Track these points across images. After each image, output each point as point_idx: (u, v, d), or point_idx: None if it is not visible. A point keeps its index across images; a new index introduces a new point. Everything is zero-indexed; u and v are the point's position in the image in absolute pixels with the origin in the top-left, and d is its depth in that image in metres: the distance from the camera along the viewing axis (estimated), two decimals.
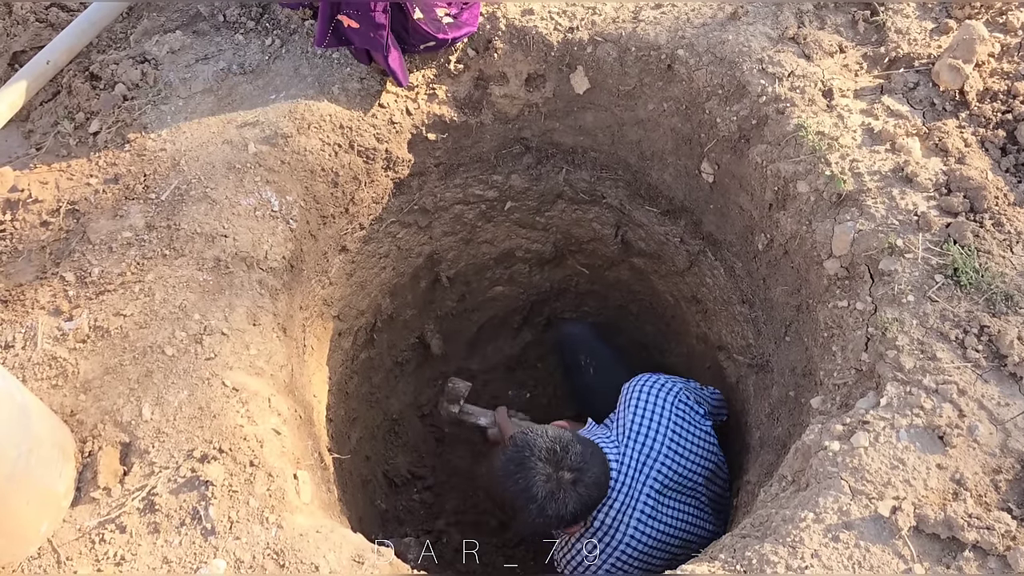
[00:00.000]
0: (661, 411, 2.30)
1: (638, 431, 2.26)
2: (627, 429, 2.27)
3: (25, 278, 2.06)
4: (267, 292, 2.09)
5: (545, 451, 2.00)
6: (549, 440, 2.03)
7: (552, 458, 2.00)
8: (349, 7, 2.20)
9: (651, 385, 2.37)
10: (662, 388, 2.36)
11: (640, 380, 2.40)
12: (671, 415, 2.31)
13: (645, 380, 2.39)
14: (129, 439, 1.78)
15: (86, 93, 2.37)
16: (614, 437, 2.28)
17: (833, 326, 1.89)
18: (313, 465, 2.00)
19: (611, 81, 2.46)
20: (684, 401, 2.38)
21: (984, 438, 1.56)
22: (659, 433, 2.26)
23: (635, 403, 2.32)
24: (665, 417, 2.29)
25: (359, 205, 2.52)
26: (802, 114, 2.10)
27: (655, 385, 2.37)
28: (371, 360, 2.98)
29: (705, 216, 2.59)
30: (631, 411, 2.31)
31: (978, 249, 1.78)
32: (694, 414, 2.39)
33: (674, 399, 2.35)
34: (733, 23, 2.30)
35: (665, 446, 2.26)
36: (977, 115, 2.02)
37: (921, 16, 2.24)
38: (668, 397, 2.34)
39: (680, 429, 2.31)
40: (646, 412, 2.29)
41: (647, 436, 2.25)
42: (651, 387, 2.36)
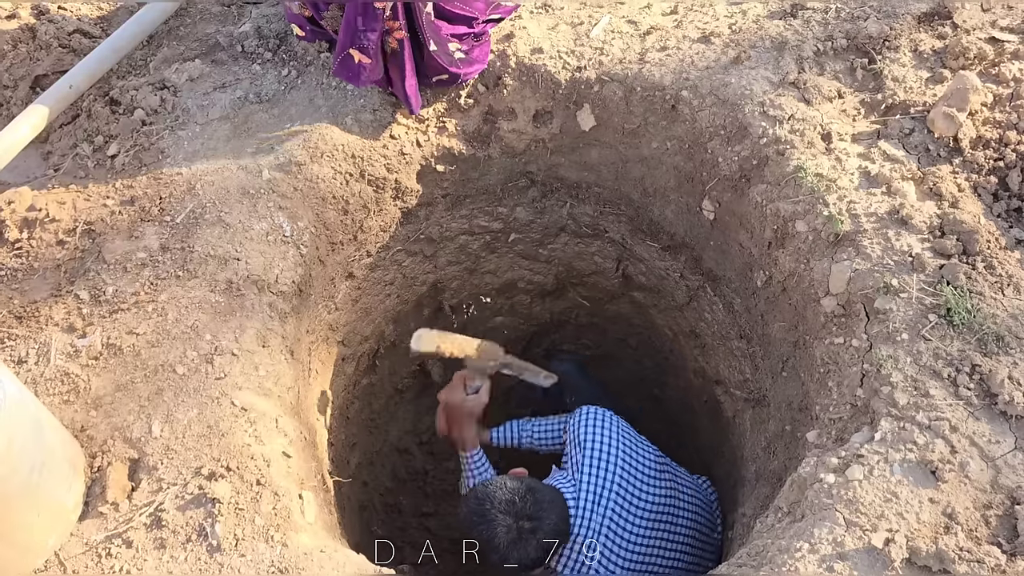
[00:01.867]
0: (608, 439, 2.36)
1: (590, 464, 2.31)
2: (579, 465, 2.32)
3: (40, 295, 2.11)
4: (276, 315, 2.13)
5: (504, 503, 2.06)
6: (508, 491, 2.08)
7: (511, 509, 2.05)
8: (362, 42, 2.28)
9: (594, 418, 2.42)
10: (603, 417, 2.43)
11: (579, 415, 2.45)
12: (618, 441, 2.37)
13: (584, 415, 2.44)
14: (138, 455, 1.81)
15: (106, 117, 2.44)
16: (569, 476, 2.32)
17: (829, 362, 1.94)
18: (316, 487, 2.02)
19: (616, 119, 2.53)
20: (626, 427, 2.45)
21: (975, 474, 1.60)
22: (609, 463, 2.32)
23: (580, 438, 2.38)
24: (613, 445, 2.35)
25: (367, 233, 2.57)
26: (801, 156, 2.16)
27: (596, 417, 2.43)
28: (372, 386, 3.01)
29: (705, 252, 2.65)
30: (580, 447, 2.36)
31: (970, 290, 1.83)
32: (637, 437, 2.46)
33: (617, 425, 2.42)
34: (736, 67, 2.38)
35: (617, 476, 2.31)
36: (970, 161, 2.09)
37: (917, 65, 2.32)
38: (611, 425, 2.41)
39: (627, 454, 2.37)
40: (594, 444, 2.35)
41: (599, 468, 2.31)
42: (591, 419, 2.42)
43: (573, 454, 2.39)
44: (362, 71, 2.33)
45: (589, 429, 2.39)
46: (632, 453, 2.39)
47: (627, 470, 2.33)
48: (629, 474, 2.33)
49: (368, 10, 2.22)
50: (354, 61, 2.31)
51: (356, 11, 2.24)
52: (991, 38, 2.34)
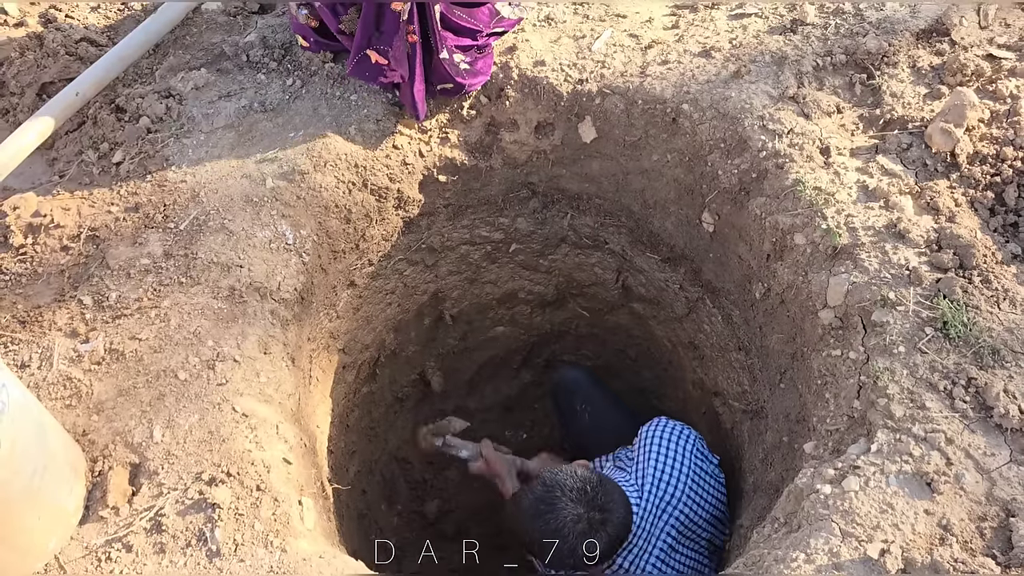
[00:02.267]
0: (682, 457, 2.31)
1: (659, 476, 2.26)
2: (646, 473, 2.27)
3: (44, 300, 2.12)
4: (278, 322, 2.15)
5: (576, 491, 1.99)
6: (579, 480, 2.01)
7: (583, 498, 1.99)
8: (380, 43, 2.31)
9: (670, 430, 2.37)
10: (681, 434, 2.37)
11: (659, 425, 2.41)
12: (691, 461, 2.32)
13: (664, 425, 2.40)
14: (139, 460, 1.82)
15: (111, 124, 2.46)
16: (633, 480, 2.27)
17: (827, 374, 1.95)
18: (316, 493, 2.03)
19: (618, 132, 2.56)
20: (701, 448, 2.40)
21: (970, 486, 1.61)
22: (679, 479, 2.27)
23: (655, 447, 2.32)
24: (686, 464, 2.30)
25: (369, 241, 2.59)
26: (800, 170, 2.18)
27: (674, 430, 2.38)
28: (372, 394, 3.02)
29: (704, 264, 2.67)
30: (651, 455, 2.31)
31: (967, 304, 1.85)
32: (709, 462, 2.42)
33: (693, 446, 2.37)
34: (736, 81, 2.41)
35: (685, 493, 2.27)
36: (967, 176, 2.11)
37: (915, 81, 2.35)
38: (687, 443, 2.35)
39: (698, 476, 2.33)
40: (667, 457, 2.30)
41: (667, 482, 2.26)
42: (670, 432, 2.37)
43: (639, 459, 2.33)
44: (380, 70, 2.36)
45: (664, 441, 2.33)
46: (703, 475, 2.34)
47: (696, 490, 2.29)
48: (697, 494, 2.29)
49: (387, 12, 2.25)
50: (371, 61, 2.34)
51: (374, 13, 2.27)
52: (988, 55, 2.36)
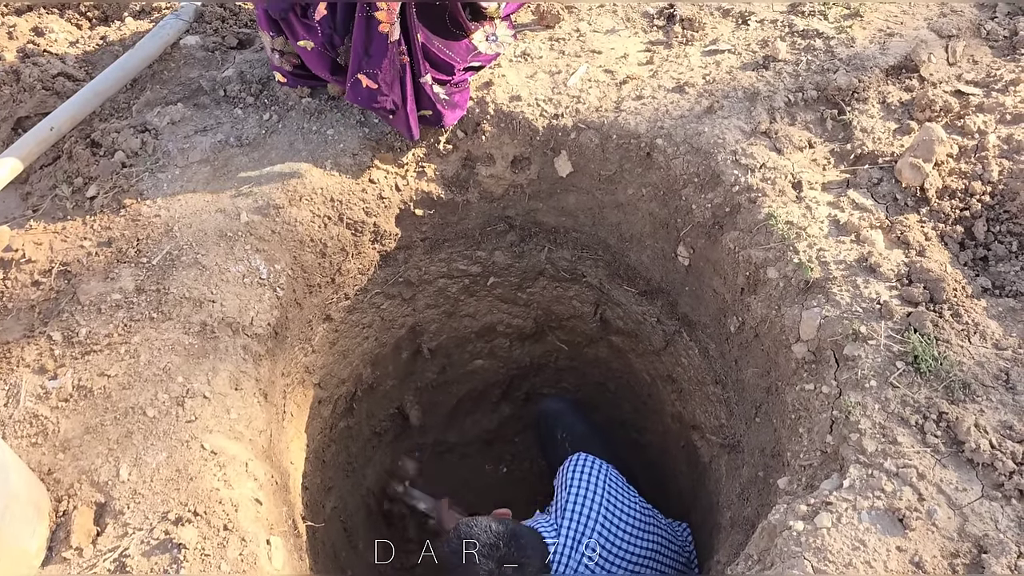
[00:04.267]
0: (594, 488, 2.35)
1: (572, 510, 2.30)
2: (562, 510, 2.31)
3: (12, 336, 2.10)
4: (251, 357, 2.13)
5: (488, 546, 2.03)
6: (492, 535, 2.06)
7: (494, 553, 2.03)
8: (369, 67, 2.32)
9: (582, 464, 2.42)
10: (592, 466, 2.42)
11: (572, 461, 2.45)
12: (604, 491, 2.36)
13: (576, 461, 2.44)
14: (105, 499, 1.79)
15: (86, 159, 2.46)
16: (553, 520, 2.31)
17: (800, 408, 1.95)
18: (287, 532, 2.00)
19: (593, 166, 2.57)
20: (614, 479, 2.44)
21: (942, 522, 1.61)
22: (592, 510, 2.31)
23: (570, 483, 2.37)
24: (598, 494, 2.34)
25: (345, 276, 2.58)
26: (772, 204, 2.20)
27: (586, 464, 2.43)
28: (350, 429, 2.99)
29: (681, 297, 2.68)
30: (567, 491, 2.36)
31: (937, 338, 1.86)
32: (626, 489, 2.45)
33: (606, 475, 2.41)
34: (709, 116, 2.43)
35: (598, 523, 2.30)
36: (937, 211, 2.13)
37: (885, 117, 2.38)
38: (600, 474, 2.40)
39: (612, 505, 2.36)
40: (579, 490, 2.34)
41: (580, 514, 2.30)
42: (582, 466, 2.42)
43: (558, 497, 2.39)
44: (372, 95, 2.37)
45: (576, 476, 2.39)
46: (617, 504, 2.37)
47: (610, 519, 2.32)
48: (611, 523, 2.32)
49: (375, 36, 2.27)
50: (362, 85, 2.35)
51: (363, 38, 2.28)
52: (956, 91, 2.40)
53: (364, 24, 2.27)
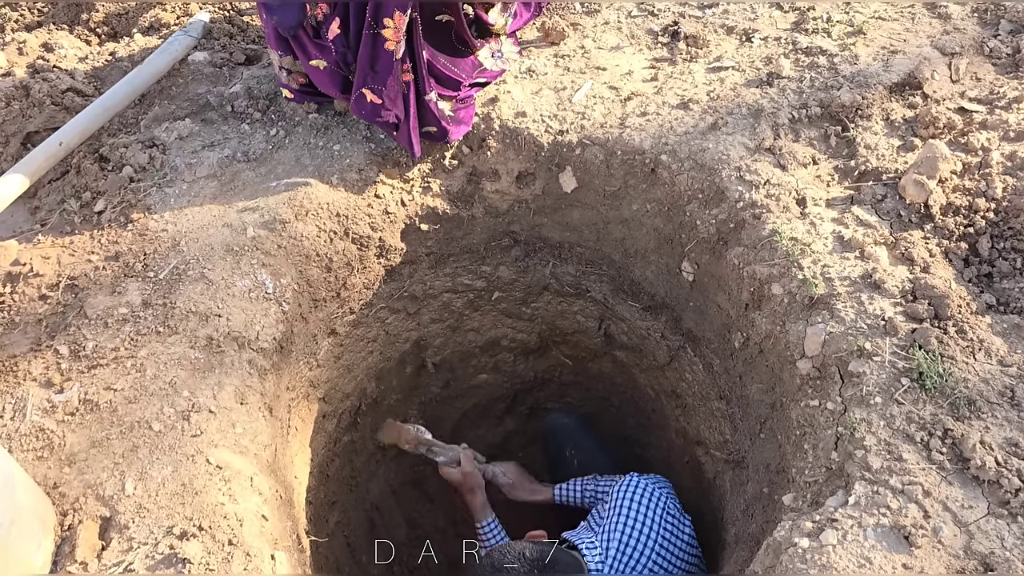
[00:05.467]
0: (651, 520, 2.29)
1: (626, 540, 2.24)
2: (612, 536, 2.25)
3: (19, 350, 2.11)
4: (256, 372, 2.14)
5: (522, 573, 1.93)
6: (526, 562, 1.95)
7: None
8: (374, 83, 2.34)
9: (641, 491, 2.36)
10: (652, 495, 2.36)
11: (630, 484, 2.39)
12: (660, 524, 2.30)
13: (635, 485, 2.39)
14: (110, 513, 1.79)
15: (94, 174, 2.47)
16: (598, 542, 2.25)
17: (805, 424, 1.95)
18: (291, 547, 2.00)
19: (598, 181, 2.58)
20: (672, 510, 2.38)
21: (948, 539, 1.60)
22: (647, 545, 2.25)
23: (624, 509, 2.31)
24: (655, 527, 2.29)
25: (350, 290, 2.59)
26: (777, 220, 2.21)
27: (645, 491, 2.36)
28: (353, 443, 2.99)
29: (685, 313, 2.68)
30: (620, 517, 2.29)
31: (942, 355, 1.86)
32: (682, 523, 2.39)
33: (664, 507, 2.35)
34: (713, 133, 2.44)
35: (652, 560, 2.25)
36: (941, 227, 2.14)
37: (889, 134, 2.39)
38: (657, 505, 2.34)
39: (667, 540, 2.31)
40: (635, 520, 2.28)
41: (633, 547, 2.24)
42: (641, 492, 2.35)
43: (610, 517, 2.32)
44: (376, 110, 2.38)
45: (633, 500, 2.32)
46: (671, 536, 2.32)
47: (663, 555, 2.27)
48: (664, 557, 2.27)
49: (381, 52, 2.29)
50: (366, 100, 2.37)
51: (369, 54, 2.30)
52: (960, 108, 2.41)
53: (371, 41, 2.29)
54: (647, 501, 2.34)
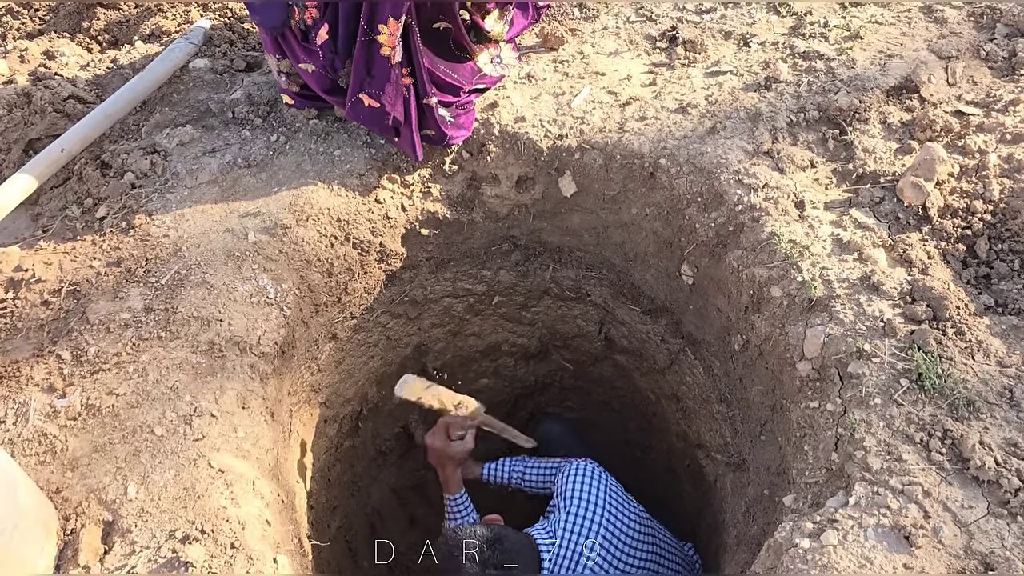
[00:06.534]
0: (595, 495, 2.37)
1: (573, 515, 2.31)
2: (562, 520, 2.32)
3: (22, 355, 2.11)
4: (258, 376, 2.14)
5: (475, 551, 2.05)
6: (477, 539, 2.08)
7: (480, 557, 2.05)
8: (371, 88, 2.35)
9: (583, 473, 2.44)
10: (594, 473, 2.44)
11: (573, 469, 2.46)
12: (605, 498, 2.38)
13: (578, 469, 2.46)
14: (112, 517, 1.80)
15: (96, 180, 2.48)
16: (550, 527, 2.32)
17: (805, 426, 1.96)
18: (293, 551, 2.01)
19: (597, 186, 2.59)
20: (615, 485, 2.46)
21: (948, 539, 1.61)
22: (593, 517, 2.32)
23: (569, 492, 2.38)
24: (600, 501, 2.36)
25: (351, 295, 2.60)
26: (775, 223, 2.22)
27: (586, 471, 2.44)
28: (355, 448, 3.00)
29: (685, 316, 2.69)
30: (565, 500, 2.37)
31: (941, 356, 1.86)
32: (626, 497, 2.47)
33: (607, 483, 2.43)
34: (712, 137, 2.45)
35: (602, 527, 2.31)
36: (939, 229, 2.15)
37: (886, 137, 2.40)
38: (600, 482, 2.41)
39: (614, 512, 2.37)
40: (580, 496, 2.36)
41: (581, 526, 2.30)
42: (583, 475, 2.43)
43: (559, 506, 2.39)
44: (373, 114, 2.39)
45: (577, 484, 2.40)
46: (618, 513, 2.39)
47: (611, 530, 2.33)
48: (612, 534, 2.32)
49: (377, 57, 2.30)
50: (364, 105, 2.38)
51: (364, 59, 2.31)
52: (957, 111, 2.43)
53: (365, 48, 2.30)
54: (589, 481, 2.41)
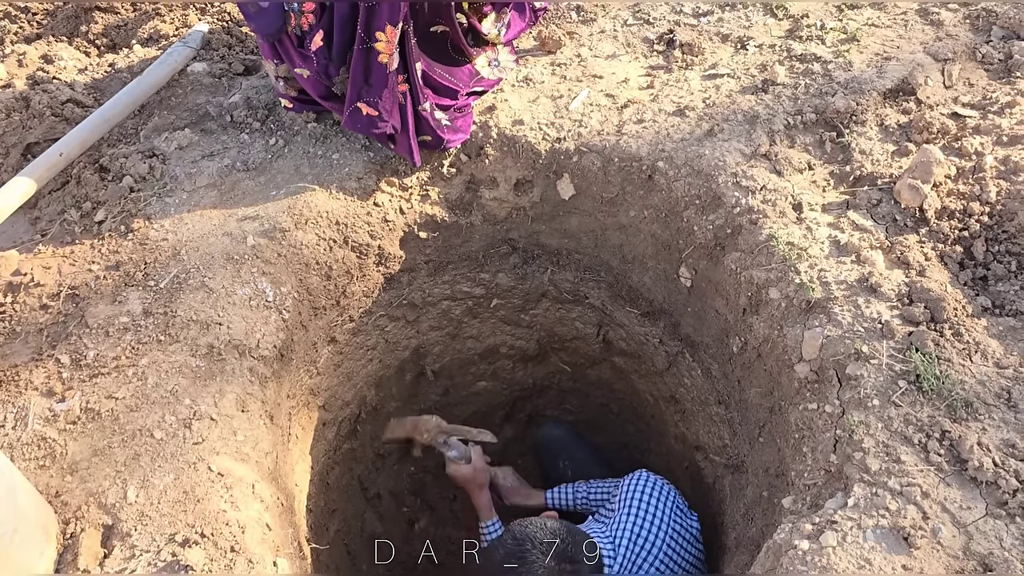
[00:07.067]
0: (661, 515, 2.34)
1: (636, 532, 2.28)
2: (624, 528, 2.29)
3: (21, 359, 2.11)
4: (257, 380, 2.14)
5: (546, 544, 1.98)
6: (549, 532, 2.01)
7: (553, 550, 1.98)
8: (369, 96, 2.35)
9: (651, 486, 2.41)
10: (661, 491, 2.41)
11: (639, 479, 2.44)
12: (670, 519, 2.35)
13: (644, 479, 2.44)
14: (112, 521, 1.80)
15: (94, 184, 2.49)
16: (609, 534, 2.29)
17: (804, 428, 1.96)
18: (292, 554, 2.00)
19: (595, 188, 2.60)
20: (681, 507, 2.43)
21: (947, 540, 1.61)
22: (656, 538, 2.29)
23: (634, 502, 2.35)
24: (664, 522, 2.33)
25: (350, 298, 2.60)
26: (773, 225, 2.22)
27: (655, 486, 2.41)
28: (354, 451, 3.00)
29: (683, 318, 2.69)
30: (631, 510, 2.33)
31: (939, 357, 1.87)
32: (688, 520, 2.44)
33: (673, 504, 2.39)
34: (710, 139, 2.46)
35: (663, 551, 2.28)
36: (936, 231, 2.15)
37: (883, 139, 2.41)
38: (667, 501, 2.38)
39: (676, 535, 2.34)
40: (645, 513, 2.33)
41: (644, 537, 2.28)
42: (651, 488, 2.40)
43: (619, 511, 2.36)
44: (372, 122, 2.40)
45: (643, 497, 2.36)
46: (682, 527, 2.36)
47: (675, 541, 2.31)
48: (674, 550, 2.30)
49: (375, 65, 2.30)
50: (361, 113, 2.39)
51: (362, 67, 2.32)
52: (953, 114, 2.43)
53: (363, 55, 2.30)
54: (657, 494, 2.38)
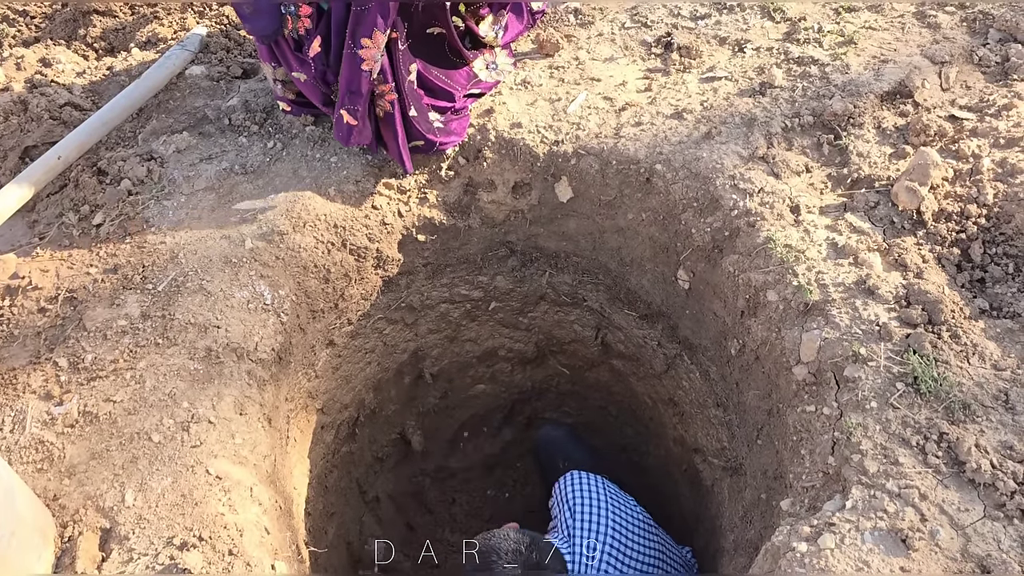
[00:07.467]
0: (597, 498, 2.39)
1: (582, 527, 2.33)
2: (571, 528, 2.33)
3: (19, 362, 2.11)
4: (255, 383, 2.14)
5: (511, 552, 2.06)
6: (512, 541, 2.09)
7: (518, 559, 2.05)
8: (351, 103, 2.35)
9: (580, 481, 2.46)
10: (590, 479, 2.46)
11: (568, 479, 2.49)
12: (607, 500, 2.40)
13: (572, 478, 2.48)
14: (110, 525, 1.80)
15: (92, 187, 2.48)
16: (564, 535, 2.34)
17: (802, 430, 1.96)
18: (291, 557, 2.00)
19: (593, 191, 2.60)
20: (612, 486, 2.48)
21: (945, 542, 1.61)
22: (600, 519, 2.34)
23: (571, 501, 2.40)
24: (603, 504, 2.38)
25: (348, 301, 2.60)
26: (771, 228, 2.23)
27: (583, 478, 2.47)
28: (352, 454, 3.00)
29: (681, 321, 2.69)
30: (570, 510, 2.38)
31: (936, 359, 1.87)
32: (624, 496, 2.49)
33: (604, 485, 2.45)
34: (707, 142, 2.46)
35: (610, 528, 2.33)
36: (933, 233, 2.16)
37: (880, 141, 2.41)
38: (598, 485, 2.44)
39: (618, 511, 2.39)
40: (584, 503, 2.38)
41: (591, 529, 2.32)
42: (580, 481, 2.45)
43: (563, 518, 2.39)
44: (351, 132, 2.40)
45: (577, 492, 2.42)
46: (622, 511, 2.41)
47: (619, 529, 2.35)
48: (621, 533, 2.35)
49: (360, 73, 2.30)
50: (343, 122, 2.39)
51: (348, 73, 2.32)
52: (951, 116, 2.44)
53: (350, 60, 2.28)
54: (590, 486, 2.43)
